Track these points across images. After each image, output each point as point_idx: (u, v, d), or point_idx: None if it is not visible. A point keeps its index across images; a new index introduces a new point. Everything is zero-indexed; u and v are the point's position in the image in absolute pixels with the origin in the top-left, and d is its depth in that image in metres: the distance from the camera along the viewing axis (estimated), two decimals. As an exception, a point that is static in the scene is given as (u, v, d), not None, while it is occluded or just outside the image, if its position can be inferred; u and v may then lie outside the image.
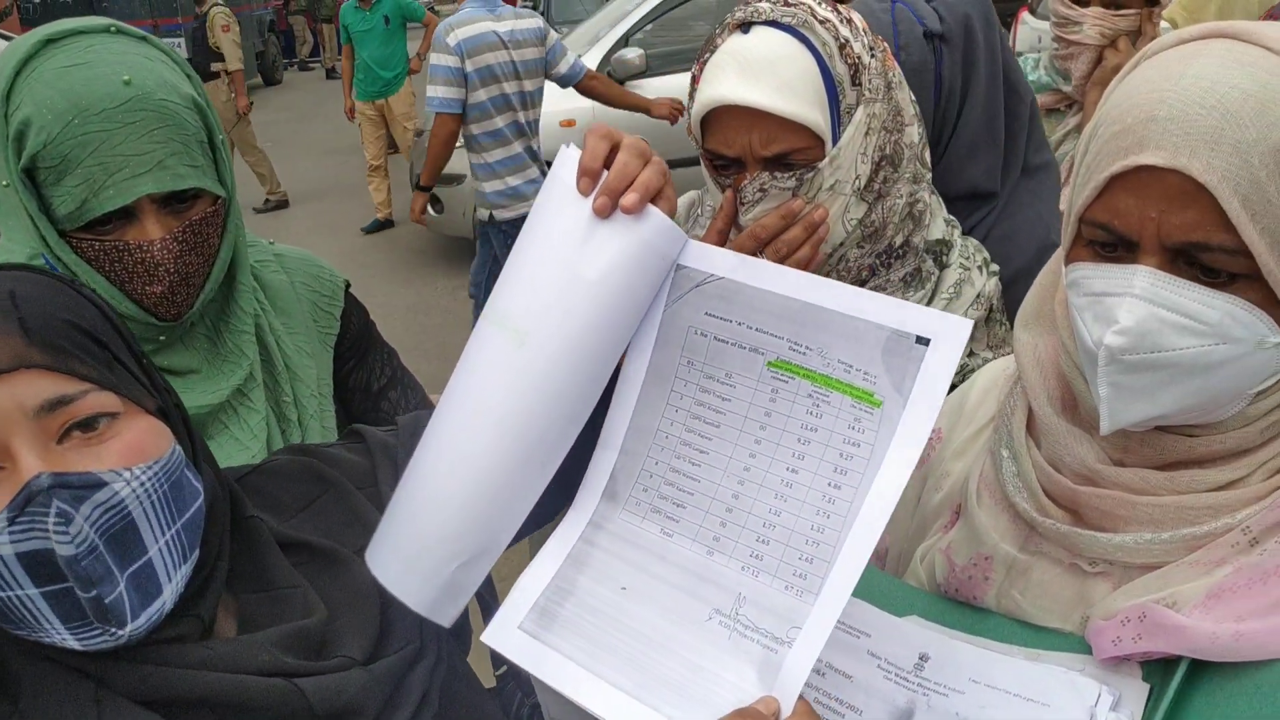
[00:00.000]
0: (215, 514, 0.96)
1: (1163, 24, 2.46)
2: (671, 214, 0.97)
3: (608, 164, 0.96)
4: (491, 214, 5.15)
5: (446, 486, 0.95)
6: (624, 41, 7.71)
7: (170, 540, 0.87)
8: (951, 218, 1.50)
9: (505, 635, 0.94)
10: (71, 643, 0.84)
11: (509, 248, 1.27)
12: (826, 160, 1.30)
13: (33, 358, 0.83)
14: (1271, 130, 0.80)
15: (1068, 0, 2.52)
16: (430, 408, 1.62)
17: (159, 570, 0.86)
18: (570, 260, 0.94)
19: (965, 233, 1.55)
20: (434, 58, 4.92)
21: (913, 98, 1.42)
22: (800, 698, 0.82)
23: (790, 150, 1.29)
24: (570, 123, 7.63)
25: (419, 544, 0.95)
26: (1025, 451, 1.02)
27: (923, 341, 0.83)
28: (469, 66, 4.90)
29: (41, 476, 0.80)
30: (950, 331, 0.83)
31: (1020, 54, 2.73)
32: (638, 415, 0.97)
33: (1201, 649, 0.84)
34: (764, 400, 0.91)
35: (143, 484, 0.85)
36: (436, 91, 4.95)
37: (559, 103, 7.69)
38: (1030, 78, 2.60)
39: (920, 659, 0.97)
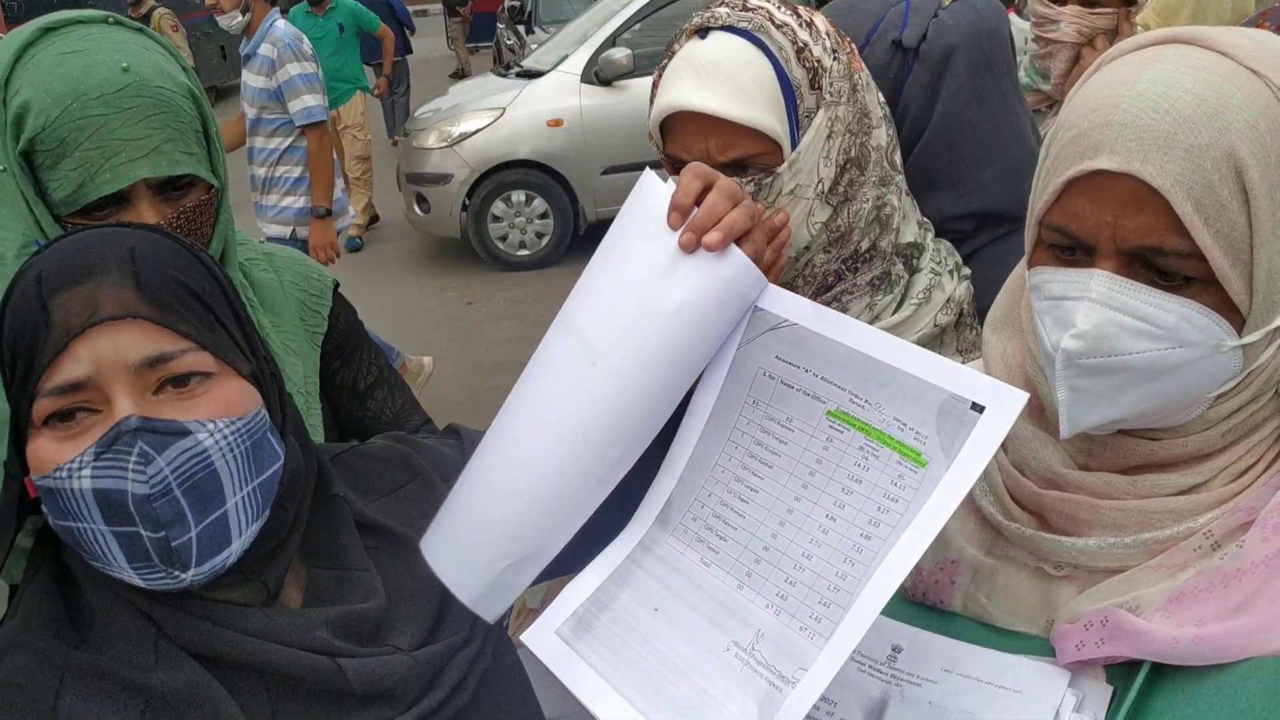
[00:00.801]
0: (296, 486, 1.00)
1: (1138, 28, 2.47)
2: (758, 257, 0.99)
3: (698, 201, 0.98)
4: (294, 229, 4.86)
5: (506, 488, 0.98)
6: (611, 41, 7.73)
7: (246, 496, 0.92)
8: (925, 220, 1.50)
9: (542, 638, 0.97)
10: (135, 580, 0.89)
11: None
12: (785, 165, 1.30)
13: (141, 310, 0.89)
14: (1223, 135, 0.80)
15: (1046, 0, 2.53)
16: (417, 408, 1.63)
17: (231, 523, 0.91)
18: (651, 290, 0.97)
19: (972, 254, 1.55)
20: (294, 67, 4.71)
21: (881, 100, 1.42)
22: None
23: (747, 155, 1.29)
24: (558, 122, 7.65)
25: (473, 539, 0.99)
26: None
27: (977, 408, 0.84)
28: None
29: (131, 418, 0.86)
30: (1006, 401, 0.84)
31: None
32: (700, 447, 1.00)
33: (1162, 653, 0.85)
34: (817, 447, 0.93)
35: (225, 437, 0.90)
36: (307, 101, 4.71)
37: (546, 103, 7.72)
38: None
39: (893, 650, 0.99)
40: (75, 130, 1.18)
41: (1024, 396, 0.83)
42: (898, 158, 1.43)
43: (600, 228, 7.93)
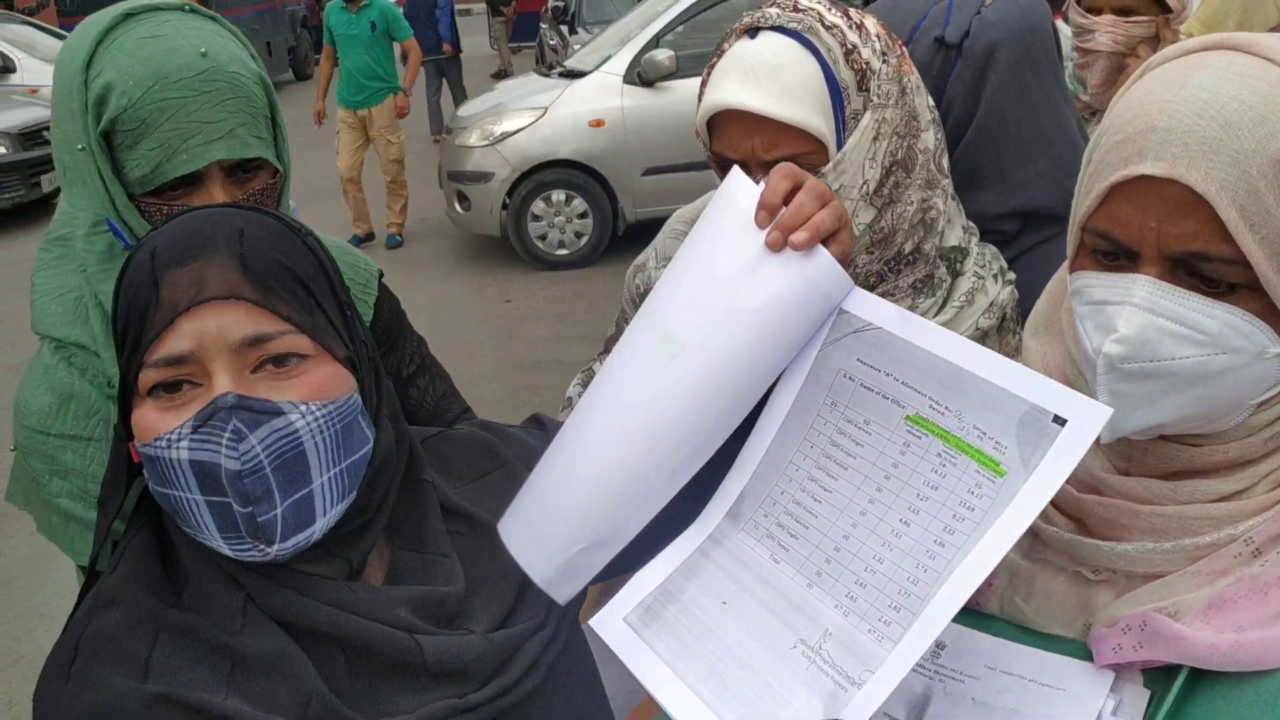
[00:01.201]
0: (385, 469, 1.03)
1: (1181, 35, 2.45)
2: (844, 257, 0.99)
3: (786, 201, 0.99)
4: None
5: (581, 474, 1.00)
6: (654, 43, 7.73)
7: (333, 477, 0.95)
8: (970, 225, 1.50)
9: (610, 624, 0.99)
10: (224, 549, 0.92)
11: None
12: (829, 166, 1.30)
13: (244, 291, 0.92)
14: (1270, 141, 0.80)
15: (1081, 9, 2.53)
16: (458, 396, 1.66)
17: (317, 502, 0.94)
18: (735, 287, 0.97)
19: (1016, 257, 1.54)
20: None
21: (931, 103, 1.42)
22: None
23: (792, 155, 1.30)
24: (599, 122, 7.67)
25: (548, 523, 1.01)
26: None
27: (1059, 421, 0.84)
28: None
29: (228, 395, 0.89)
30: (1089, 416, 0.83)
31: None
32: (775, 445, 1.00)
33: (1201, 658, 0.85)
34: (894, 451, 0.93)
35: (317, 419, 0.93)
36: None
37: (588, 103, 7.75)
38: None
39: (937, 646, 1.00)
40: (156, 111, 1.21)
41: (1107, 412, 0.83)
42: (945, 161, 1.43)
43: (639, 228, 8.01)
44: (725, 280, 0.98)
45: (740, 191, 1.02)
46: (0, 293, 8.25)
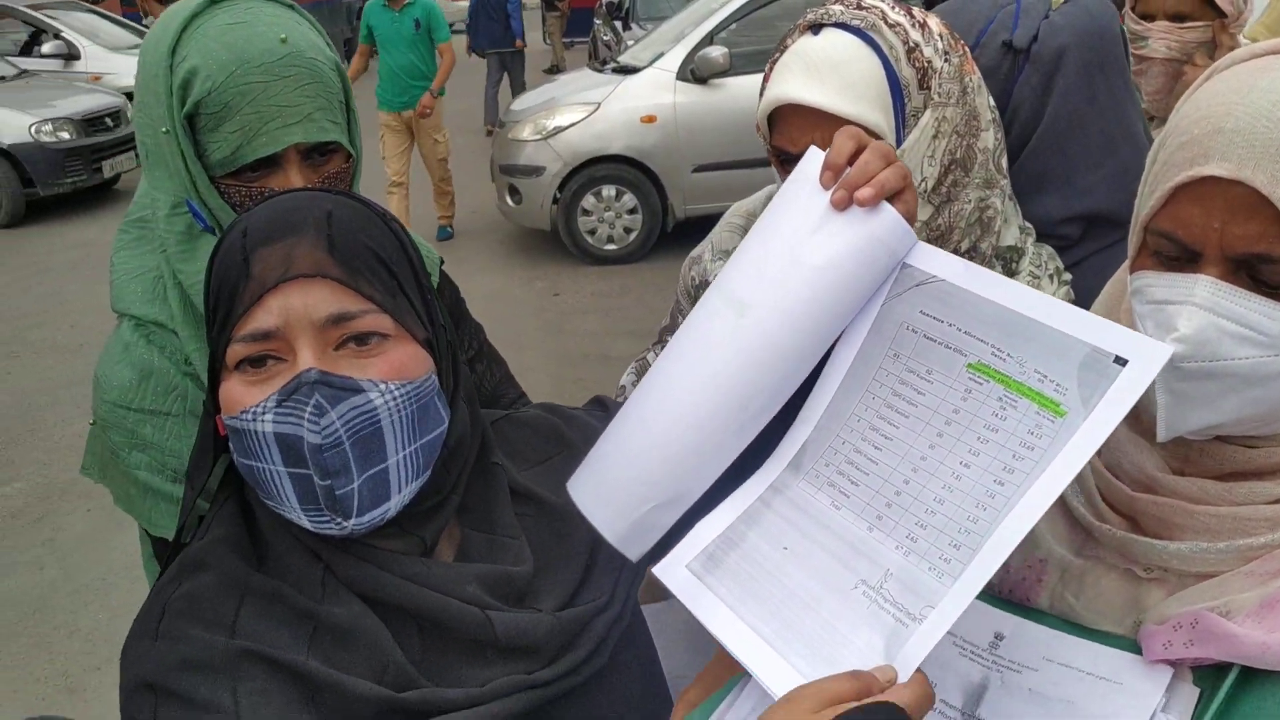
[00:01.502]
0: (459, 451, 1.06)
1: (1243, 40, 2.42)
2: (910, 216, 1.01)
3: (851, 162, 1.00)
4: None
5: (652, 434, 1.02)
6: (709, 40, 7.74)
7: (408, 456, 0.98)
8: (1027, 225, 1.50)
9: (673, 571, 1.00)
10: (304, 521, 0.96)
11: None
12: None
13: (330, 270, 0.95)
14: None
15: (1135, 16, 2.50)
16: (514, 381, 1.69)
17: (392, 479, 0.97)
18: (800, 246, 0.99)
19: (1078, 262, 1.54)
20: None
21: (992, 104, 1.42)
22: (918, 671, 0.85)
23: None
24: (651, 118, 7.69)
25: (620, 482, 1.03)
26: None
27: (1120, 361, 0.85)
28: None
29: (311, 371, 0.92)
30: (1148, 355, 0.84)
31: None
32: (837, 398, 1.02)
33: (1252, 657, 0.85)
34: (955, 398, 0.94)
35: (395, 398, 0.95)
36: None
37: (640, 99, 7.78)
38: None
39: (995, 637, 1.00)
40: (237, 95, 1.25)
41: (1169, 350, 0.83)
42: (1004, 161, 1.43)
43: (688, 225, 8.01)
44: (791, 240, 1.00)
45: (809, 164, 1.04)
46: (64, 274, 8.45)
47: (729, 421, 1.00)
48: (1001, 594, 1.08)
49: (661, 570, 1.01)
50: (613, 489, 1.03)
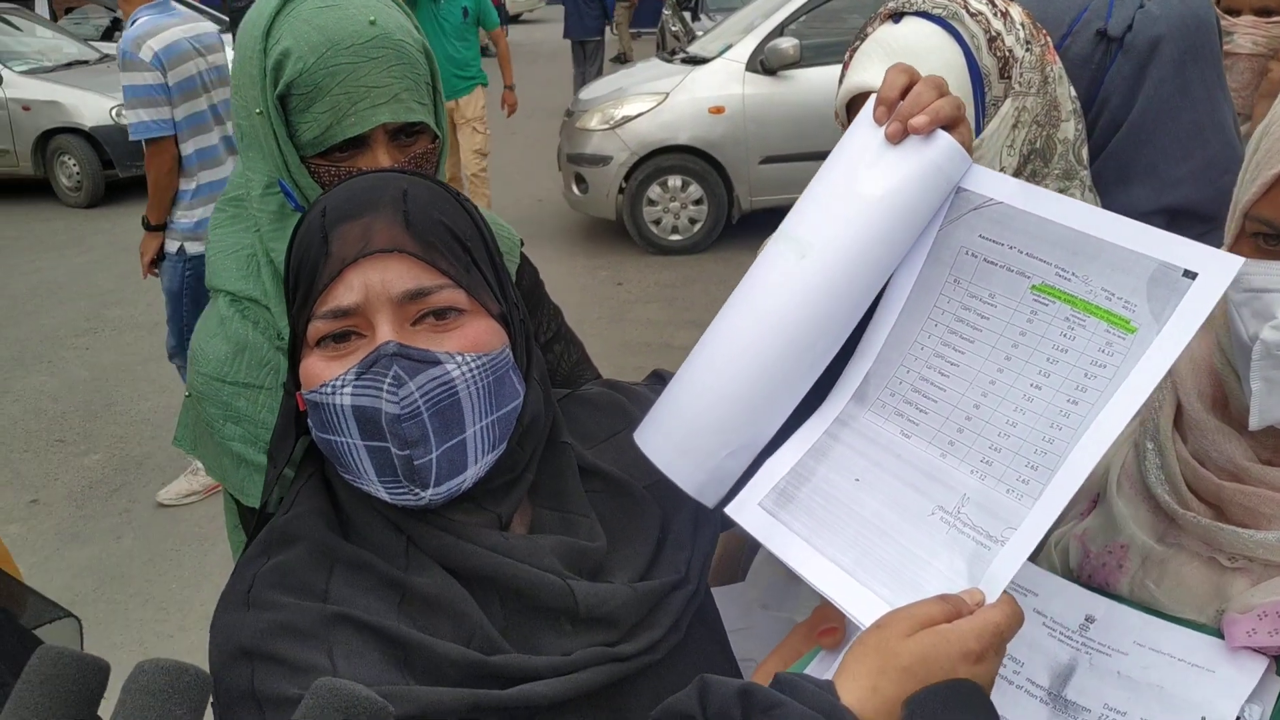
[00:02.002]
0: (534, 429, 1.07)
1: None
2: (966, 144, 1.00)
3: (904, 95, 1.00)
4: (183, 245, 4.43)
5: (723, 381, 1.02)
6: (779, 31, 7.70)
7: (485, 427, 1.00)
8: None
9: (747, 510, 1.01)
10: (382, 494, 0.98)
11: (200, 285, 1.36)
12: None
13: (407, 245, 0.97)
14: None
15: (1220, 11, 2.46)
16: (591, 363, 1.71)
17: (469, 450, 0.99)
18: (857, 181, 1.00)
19: None
20: (125, 77, 4.26)
21: (1073, 94, 1.42)
22: (1005, 593, 0.85)
23: None
24: (719, 109, 7.68)
25: (693, 431, 1.03)
26: (1171, 445, 1.03)
27: (1189, 275, 0.84)
28: (170, 80, 4.27)
29: (390, 344, 0.95)
30: (1218, 267, 0.83)
31: None
32: (898, 326, 1.02)
33: None
34: (1021, 320, 0.93)
35: (472, 370, 0.98)
36: (140, 116, 4.24)
37: (709, 90, 7.77)
38: None
39: (1086, 619, 1.01)
40: (327, 76, 1.28)
41: (1239, 261, 0.83)
42: (1085, 153, 1.42)
43: (754, 217, 8.00)
44: (848, 176, 1.00)
45: (867, 109, 1.04)
46: (136, 254, 8.64)
47: (798, 362, 1.00)
48: (1081, 579, 1.08)
49: (735, 510, 1.02)
50: (686, 438, 1.04)
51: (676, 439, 1.05)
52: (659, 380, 1.32)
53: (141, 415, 5.71)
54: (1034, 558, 1.17)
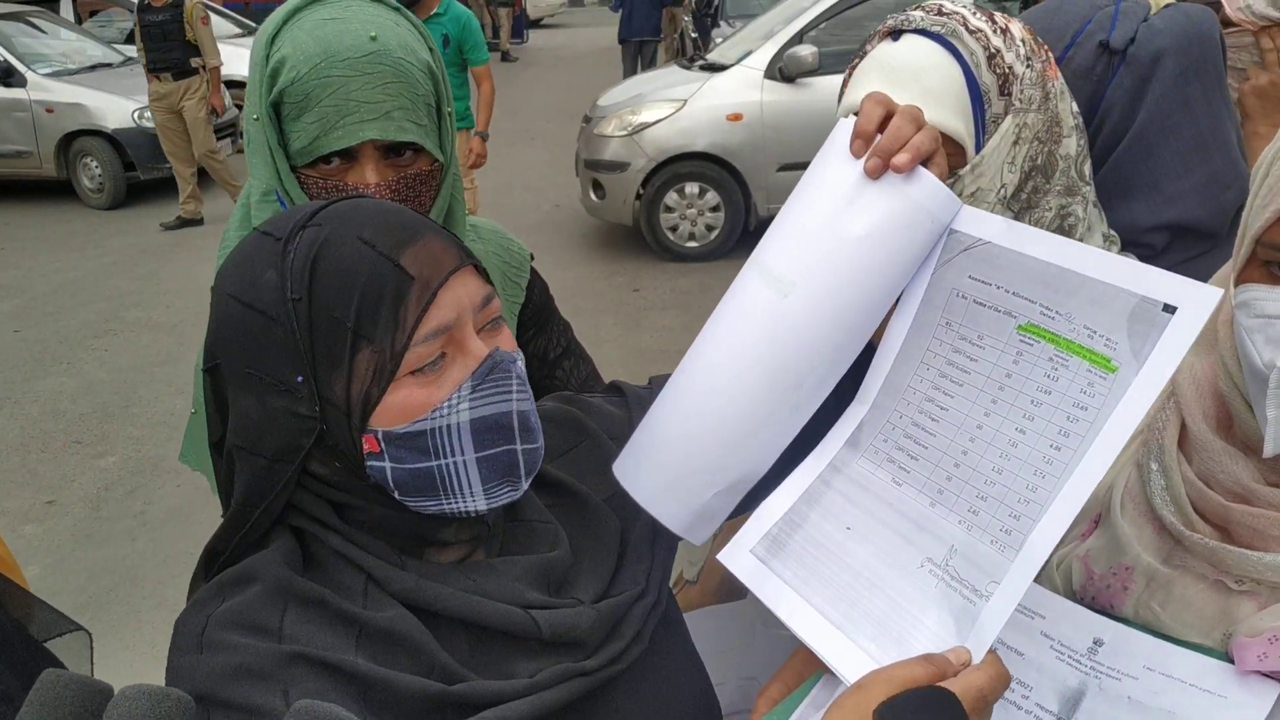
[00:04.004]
0: None
1: None
2: (942, 175, 1.00)
3: (881, 128, 0.99)
4: None
5: (707, 420, 1.02)
6: (798, 39, 7.70)
7: None
8: (1112, 233, 1.48)
9: (738, 557, 1.00)
10: (477, 503, 0.98)
11: None
12: (967, 168, 1.31)
13: (467, 260, 0.98)
14: None
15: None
16: (600, 380, 1.70)
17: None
18: (838, 218, 0.98)
19: (1169, 267, 1.52)
20: None
21: (1075, 109, 1.41)
22: (990, 650, 0.84)
23: None
24: (737, 116, 7.68)
25: (679, 470, 1.03)
26: (1176, 466, 1.02)
27: (1169, 310, 0.83)
28: None
29: (498, 350, 0.97)
30: (1197, 300, 0.82)
31: None
32: (894, 371, 1.01)
33: None
34: (1007, 362, 0.92)
35: (521, 369, 1.01)
36: None
37: (727, 97, 7.77)
38: None
39: (1094, 643, 1.00)
40: (319, 86, 1.28)
41: (1218, 293, 0.81)
42: (1087, 168, 1.42)
43: (770, 224, 7.88)
44: (826, 213, 0.99)
45: (840, 133, 1.02)
46: (160, 256, 8.73)
47: (784, 401, 1.00)
48: (1084, 600, 1.07)
49: (726, 557, 1.01)
50: (672, 478, 1.03)
51: (661, 478, 1.04)
52: (616, 392, 1.31)
53: (158, 417, 5.75)
54: (1036, 580, 1.17)
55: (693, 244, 8.02)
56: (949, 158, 1.30)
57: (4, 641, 1.00)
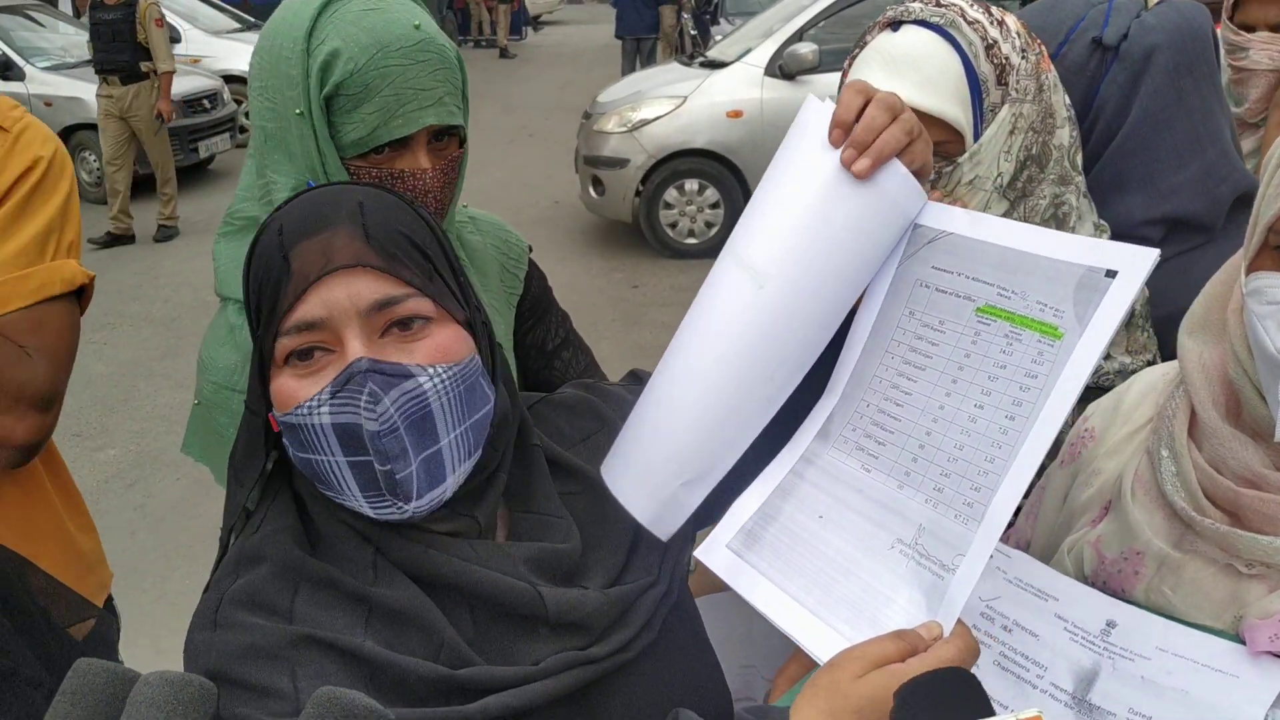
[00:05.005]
0: (503, 429, 1.07)
1: None
2: (920, 166, 1.01)
3: (859, 118, 0.99)
4: None
5: (678, 411, 1.02)
6: (798, 36, 7.71)
7: (459, 436, 0.99)
8: (1102, 222, 1.50)
9: (714, 552, 1.02)
10: (365, 509, 0.97)
11: None
12: (966, 155, 1.34)
13: (369, 259, 0.96)
14: None
15: (1234, 26, 2.47)
16: (599, 370, 1.71)
17: (446, 459, 0.98)
18: (815, 209, 0.99)
19: (1165, 260, 1.54)
20: None
21: (1068, 102, 1.43)
22: (959, 621, 0.86)
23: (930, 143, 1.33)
24: (737, 113, 7.68)
25: (648, 460, 1.04)
26: (1186, 453, 1.03)
27: (1111, 275, 0.86)
28: None
29: (362, 360, 0.93)
30: (1133, 262, 0.85)
31: None
32: (860, 363, 1.03)
33: None
34: (966, 343, 0.95)
35: (443, 381, 0.97)
36: None
37: (727, 94, 7.78)
38: None
39: (1107, 624, 1.01)
40: (378, 77, 1.29)
41: (1154, 254, 0.84)
42: (1079, 159, 1.44)
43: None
44: (804, 204, 0.99)
45: (814, 116, 1.02)
46: (160, 250, 8.72)
47: (754, 394, 1.01)
48: (1095, 585, 1.08)
49: (703, 552, 1.02)
50: (641, 469, 1.04)
51: (631, 469, 1.05)
52: (636, 380, 1.31)
53: (158, 411, 5.74)
54: (1048, 564, 1.18)
55: (692, 241, 8.03)
56: (948, 145, 1.32)
57: (31, 628, 1.01)
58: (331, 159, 1.33)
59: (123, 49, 8.43)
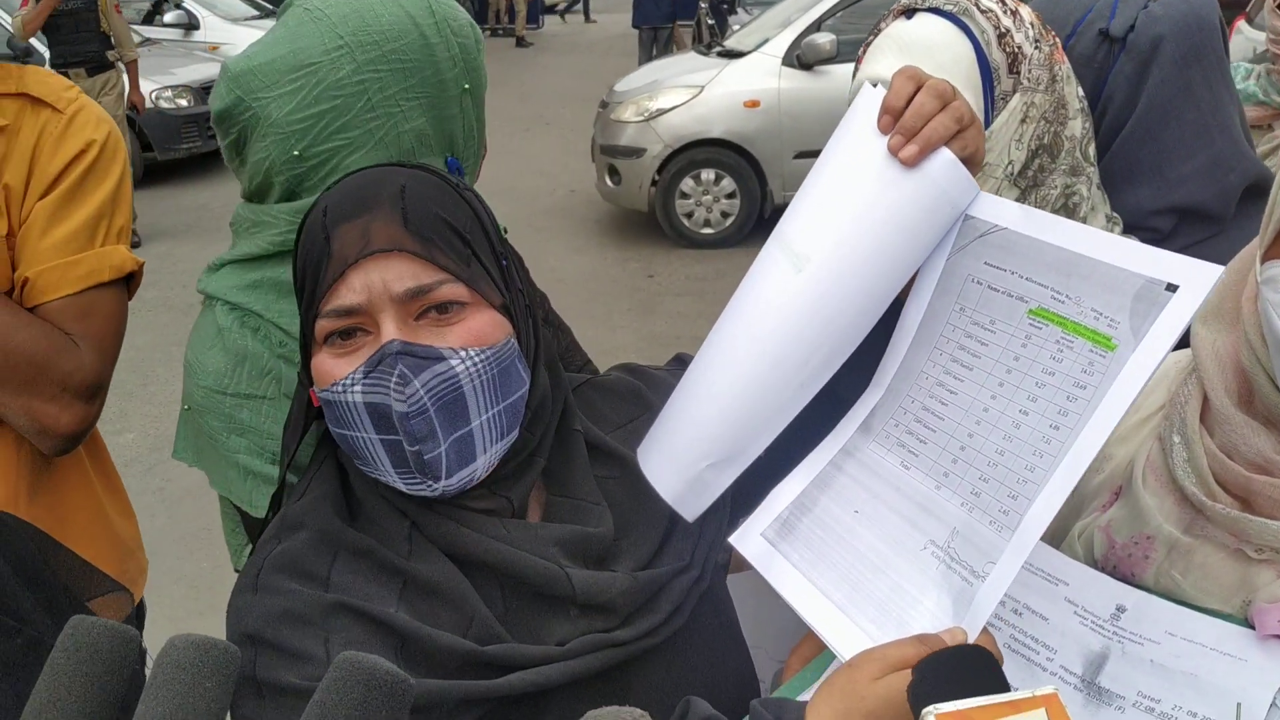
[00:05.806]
0: (542, 413, 1.09)
1: None
2: (972, 156, 1.00)
3: (909, 104, 0.99)
4: None
5: (709, 391, 1.03)
6: (815, 26, 7.69)
7: (492, 418, 1.01)
8: (1114, 214, 1.50)
9: (749, 539, 1.03)
10: (398, 484, 1.00)
11: None
12: None
13: (406, 244, 0.98)
14: None
15: (1275, 11, 2.45)
16: (580, 349, 1.72)
17: (477, 441, 1.00)
18: (858, 195, 0.99)
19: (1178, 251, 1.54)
20: None
21: (1080, 94, 1.43)
22: (985, 630, 0.86)
23: None
24: (754, 103, 7.67)
25: (677, 440, 1.05)
26: (1198, 439, 1.04)
27: (1171, 289, 0.84)
28: None
29: (394, 343, 0.96)
30: (1198, 277, 0.83)
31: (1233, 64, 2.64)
32: (909, 357, 1.02)
33: None
34: (1016, 345, 0.93)
35: (475, 364, 0.99)
36: None
37: (744, 84, 7.77)
38: (1238, 88, 2.51)
39: (1117, 609, 1.02)
40: None
41: (1218, 270, 0.82)
42: (1091, 150, 1.44)
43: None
44: (848, 189, 0.99)
45: (868, 103, 1.02)
46: (177, 236, 8.77)
47: (787, 378, 1.00)
48: (1105, 569, 1.09)
49: (738, 539, 1.03)
50: (670, 449, 1.05)
51: (663, 448, 1.06)
52: (680, 364, 1.31)
53: (176, 396, 5.71)
54: (1058, 549, 1.19)
55: (708, 230, 8.02)
56: None
57: (53, 604, 1.03)
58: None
59: (88, 39, 8.23)
